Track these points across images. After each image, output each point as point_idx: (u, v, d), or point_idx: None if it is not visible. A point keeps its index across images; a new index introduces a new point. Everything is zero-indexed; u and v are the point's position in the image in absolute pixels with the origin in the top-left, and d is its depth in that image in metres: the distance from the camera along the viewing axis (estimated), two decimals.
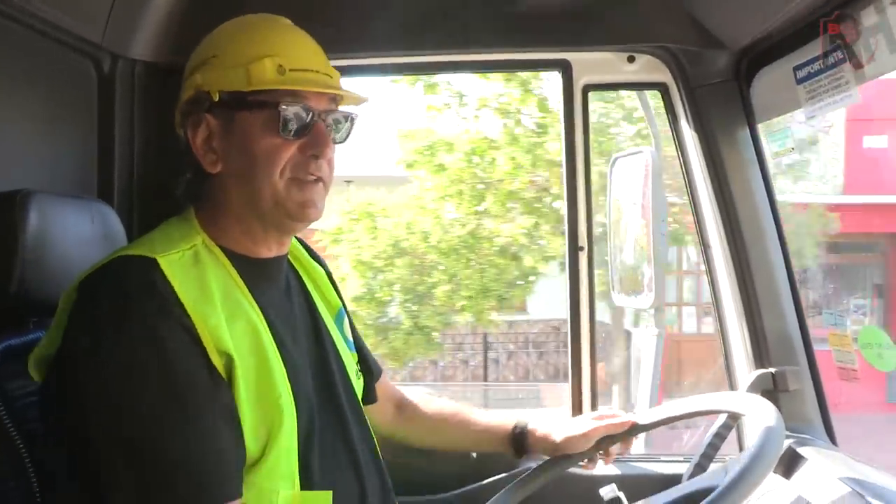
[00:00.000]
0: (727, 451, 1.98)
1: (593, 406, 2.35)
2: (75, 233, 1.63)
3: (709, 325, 15.55)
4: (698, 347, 15.62)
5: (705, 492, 1.41)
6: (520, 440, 1.86)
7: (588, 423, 1.85)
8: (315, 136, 1.42)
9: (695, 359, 15.55)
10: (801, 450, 1.91)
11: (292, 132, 1.40)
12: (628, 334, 10.73)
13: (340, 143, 1.50)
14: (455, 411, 1.94)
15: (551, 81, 9.15)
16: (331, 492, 1.38)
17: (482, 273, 9.59)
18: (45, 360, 1.34)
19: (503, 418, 1.92)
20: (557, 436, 1.84)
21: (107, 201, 1.95)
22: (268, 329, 1.39)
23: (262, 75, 1.39)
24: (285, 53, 1.42)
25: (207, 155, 1.43)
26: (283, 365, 1.38)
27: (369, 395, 1.78)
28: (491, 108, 9.18)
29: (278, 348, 1.39)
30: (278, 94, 1.39)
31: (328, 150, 1.43)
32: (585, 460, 1.88)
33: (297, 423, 1.37)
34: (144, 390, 1.23)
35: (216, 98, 1.40)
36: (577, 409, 2.34)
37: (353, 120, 1.51)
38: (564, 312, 2.38)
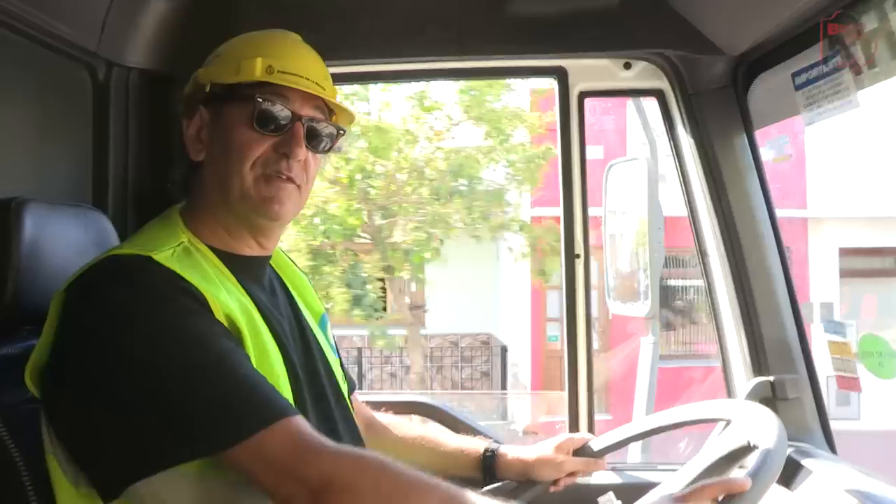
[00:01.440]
0: None
1: (590, 415, 2.33)
2: (70, 241, 1.62)
3: (594, 341, 15.62)
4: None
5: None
6: (490, 464, 1.86)
7: (559, 454, 1.87)
8: (289, 136, 1.45)
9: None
10: (801, 459, 1.89)
11: (267, 128, 1.44)
12: None
13: (319, 152, 1.52)
14: (423, 434, 1.94)
15: None
16: None
17: None
18: (41, 368, 1.32)
19: (474, 442, 1.92)
20: (529, 462, 1.85)
21: (101, 209, 1.93)
22: (262, 318, 1.41)
23: (250, 70, 1.45)
24: (279, 57, 1.48)
25: (195, 144, 1.49)
26: (279, 353, 1.41)
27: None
28: None
29: (273, 337, 1.42)
30: (264, 91, 1.44)
31: (299, 151, 1.45)
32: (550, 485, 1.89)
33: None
34: (171, 343, 1.24)
35: (207, 89, 1.47)
36: (573, 416, 2.33)
37: (338, 133, 1.55)
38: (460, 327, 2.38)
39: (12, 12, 1.71)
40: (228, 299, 1.34)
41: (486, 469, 1.86)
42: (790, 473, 1.86)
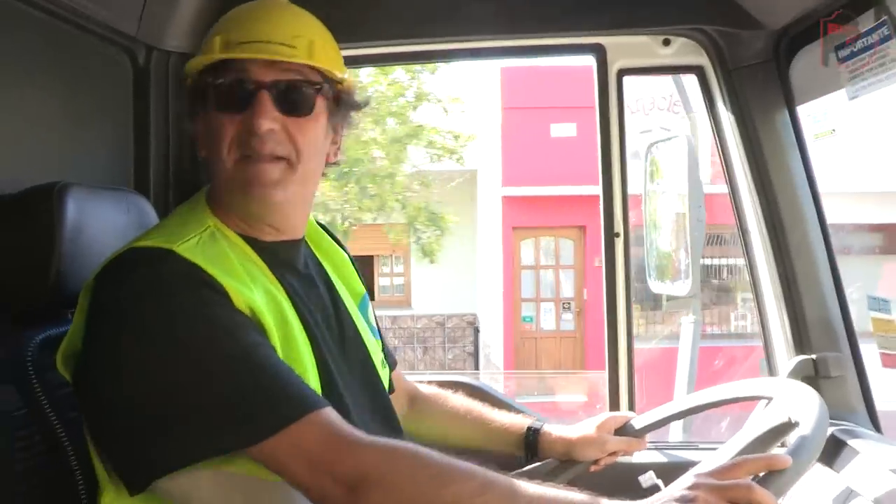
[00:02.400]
0: None
1: (630, 395, 2.33)
2: (111, 225, 1.64)
3: (568, 322, 15.51)
4: (556, 345, 15.48)
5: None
6: (532, 441, 1.86)
7: (601, 433, 1.86)
8: (251, 108, 1.35)
9: (554, 358, 15.38)
10: (845, 438, 1.86)
11: (231, 107, 1.37)
12: None
13: (302, 115, 1.40)
14: (469, 408, 1.93)
15: None
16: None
17: None
18: (72, 355, 1.34)
19: (518, 419, 1.92)
20: (572, 441, 1.85)
21: (143, 193, 1.96)
22: (292, 306, 1.38)
23: (210, 51, 1.39)
24: (237, 28, 1.40)
25: (198, 141, 1.46)
26: (308, 343, 1.37)
27: (390, 386, 1.75)
28: None
29: (303, 326, 1.38)
30: (227, 71, 1.37)
31: (260, 123, 1.34)
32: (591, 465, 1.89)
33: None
34: (196, 333, 1.23)
35: (189, 82, 1.43)
36: (614, 396, 2.32)
37: (304, 86, 1.40)
38: (447, 307, 2.37)
39: None
40: (253, 291, 1.31)
41: (529, 446, 1.86)
42: (834, 453, 1.84)
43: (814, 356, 2.08)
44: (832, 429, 1.89)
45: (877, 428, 2.07)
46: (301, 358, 1.34)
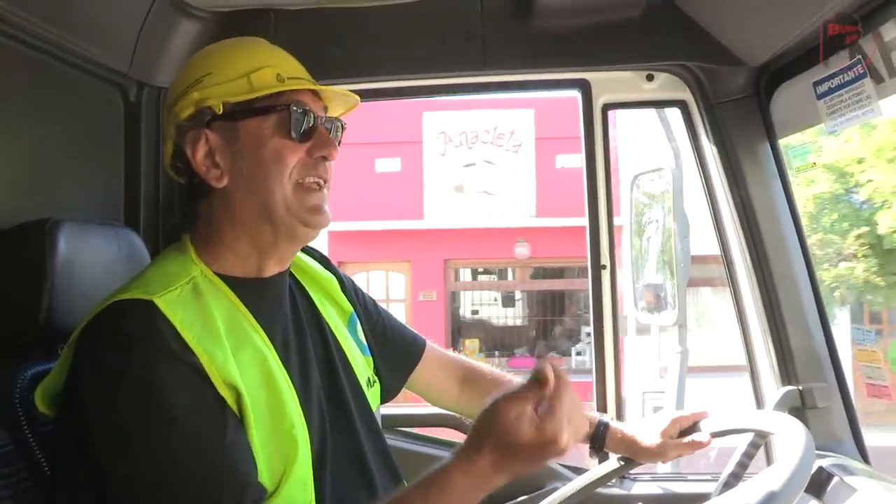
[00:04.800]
0: (756, 468, 1.95)
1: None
2: (102, 260, 1.65)
3: None
4: None
5: None
6: (601, 436, 1.85)
7: (665, 440, 1.81)
8: (320, 138, 1.43)
9: None
10: (832, 469, 1.87)
11: (301, 134, 1.41)
12: None
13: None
14: None
15: None
16: None
17: None
18: (51, 395, 1.34)
19: (588, 412, 1.90)
20: (637, 447, 1.82)
21: (133, 227, 1.97)
22: (276, 355, 1.38)
23: (264, 82, 1.41)
24: (279, 64, 1.45)
25: (211, 170, 1.41)
26: (294, 391, 1.37)
27: (389, 394, 1.76)
28: None
29: (288, 374, 1.38)
30: (281, 99, 1.41)
31: (335, 152, 1.45)
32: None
33: (311, 450, 1.36)
34: (150, 430, 1.22)
35: (219, 110, 1.39)
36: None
37: (343, 127, 1.53)
38: None
39: (46, 37, 1.76)
40: (229, 356, 1.30)
41: (597, 440, 1.85)
42: (821, 484, 1.85)
43: (800, 387, 2.10)
44: (820, 461, 1.90)
45: (865, 458, 2.07)
46: (287, 415, 1.34)
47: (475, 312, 16.10)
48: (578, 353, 14.64)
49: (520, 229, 14.21)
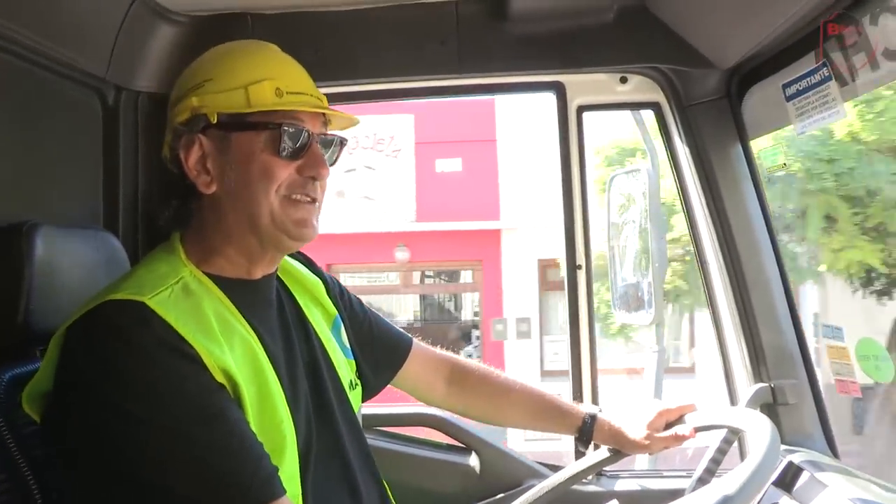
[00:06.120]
0: (730, 464, 1.98)
1: None
2: (81, 263, 1.65)
3: None
4: None
5: None
6: (588, 429, 1.87)
7: (651, 434, 1.82)
8: (312, 158, 1.44)
9: None
10: (802, 464, 1.91)
11: (291, 153, 1.41)
12: None
13: (331, 165, 1.50)
14: (522, 385, 1.94)
15: None
16: None
17: None
18: (38, 396, 1.34)
19: (572, 405, 1.93)
20: (624, 439, 1.84)
21: (112, 231, 1.98)
22: (265, 353, 1.39)
23: (261, 97, 1.41)
24: (281, 77, 1.44)
25: (201, 176, 1.43)
26: (282, 389, 1.39)
27: (371, 392, 1.78)
28: None
29: (276, 372, 1.40)
30: (277, 115, 1.41)
31: (325, 172, 1.45)
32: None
33: (298, 448, 1.38)
34: (161, 409, 1.23)
35: (214, 120, 1.40)
36: None
37: (343, 143, 1.54)
38: None
39: (24, 43, 1.76)
40: (225, 349, 1.32)
41: (584, 432, 1.87)
42: (791, 478, 1.88)
43: (772, 384, 2.14)
44: (790, 456, 1.94)
45: (834, 454, 2.11)
46: (276, 410, 1.36)
47: None
48: (469, 356, 14.46)
49: (400, 234, 14.05)
